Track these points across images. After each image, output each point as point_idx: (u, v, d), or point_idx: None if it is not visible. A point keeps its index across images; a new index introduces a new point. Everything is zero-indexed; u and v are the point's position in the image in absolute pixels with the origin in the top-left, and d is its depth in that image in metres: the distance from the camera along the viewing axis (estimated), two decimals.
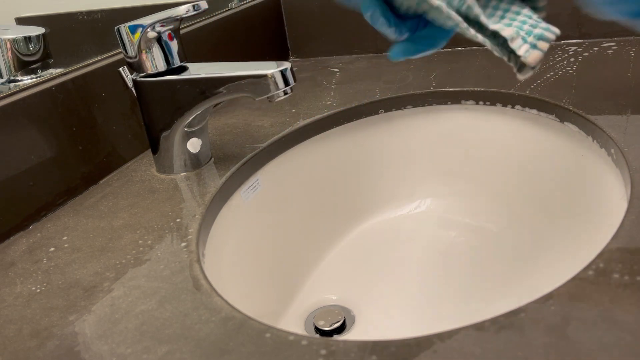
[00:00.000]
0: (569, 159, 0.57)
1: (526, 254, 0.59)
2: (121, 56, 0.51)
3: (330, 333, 0.54)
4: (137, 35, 0.49)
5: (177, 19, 0.49)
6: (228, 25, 0.79)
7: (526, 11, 0.34)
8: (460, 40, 0.33)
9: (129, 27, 0.49)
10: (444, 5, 0.32)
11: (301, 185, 0.62)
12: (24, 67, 0.52)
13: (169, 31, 0.50)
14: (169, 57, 0.51)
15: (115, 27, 0.50)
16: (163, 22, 0.48)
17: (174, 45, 0.51)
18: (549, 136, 0.60)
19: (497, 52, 0.34)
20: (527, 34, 0.32)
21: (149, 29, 0.48)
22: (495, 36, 0.33)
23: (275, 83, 0.45)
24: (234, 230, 0.53)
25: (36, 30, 0.53)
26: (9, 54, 0.50)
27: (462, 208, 0.68)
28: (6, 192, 0.47)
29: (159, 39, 0.50)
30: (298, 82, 0.81)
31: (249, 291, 0.52)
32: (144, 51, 0.50)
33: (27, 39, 0.52)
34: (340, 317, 0.55)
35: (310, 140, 0.65)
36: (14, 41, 0.51)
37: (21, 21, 0.53)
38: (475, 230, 0.65)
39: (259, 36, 0.88)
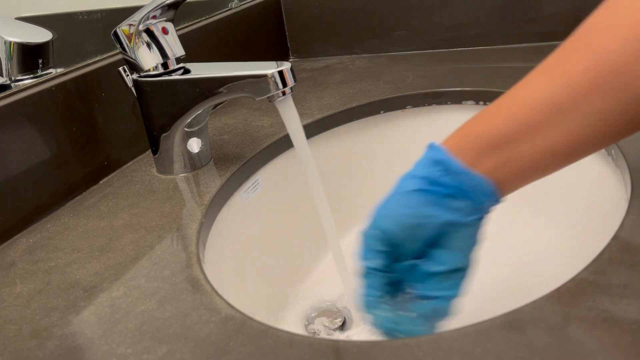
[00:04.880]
0: None
1: (526, 253, 0.58)
2: (121, 56, 0.51)
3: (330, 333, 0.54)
4: (131, 30, 0.49)
5: (166, 7, 0.48)
6: (228, 25, 0.79)
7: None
8: (460, 40, 0.33)
9: (123, 25, 0.49)
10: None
11: (301, 185, 0.62)
12: (26, 68, 0.52)
13: (163, 24, 0.50)
14: (165, 51, 0.50)
15: (112, 31, 0.50)
16: (154, 13, 0.48)
17: (169, 39, 0.51)
18: None
19: None
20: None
21: (141, 23, 0.48)
22: None
23: (275, 83, 0.45)
24: (234, 231, 0.53)
25: (44, 36, 0.53)
26: (13, 55, 0.50)
27: None
28: (6, 192, 0.47)
29: (153, 34, 0.49)
30: (298, 82, 0.80)
31: (249, 291, 0.52)
32: (139, 47, 0.50)
33: (35, 45, 0.52)
34: (340, 317, 0.55)
35: (310, 140, 0.64)
36: (19, 44, 0.51)
37: (22, 21, 0.53)
38: None
39: (259, 36, 0.88)
